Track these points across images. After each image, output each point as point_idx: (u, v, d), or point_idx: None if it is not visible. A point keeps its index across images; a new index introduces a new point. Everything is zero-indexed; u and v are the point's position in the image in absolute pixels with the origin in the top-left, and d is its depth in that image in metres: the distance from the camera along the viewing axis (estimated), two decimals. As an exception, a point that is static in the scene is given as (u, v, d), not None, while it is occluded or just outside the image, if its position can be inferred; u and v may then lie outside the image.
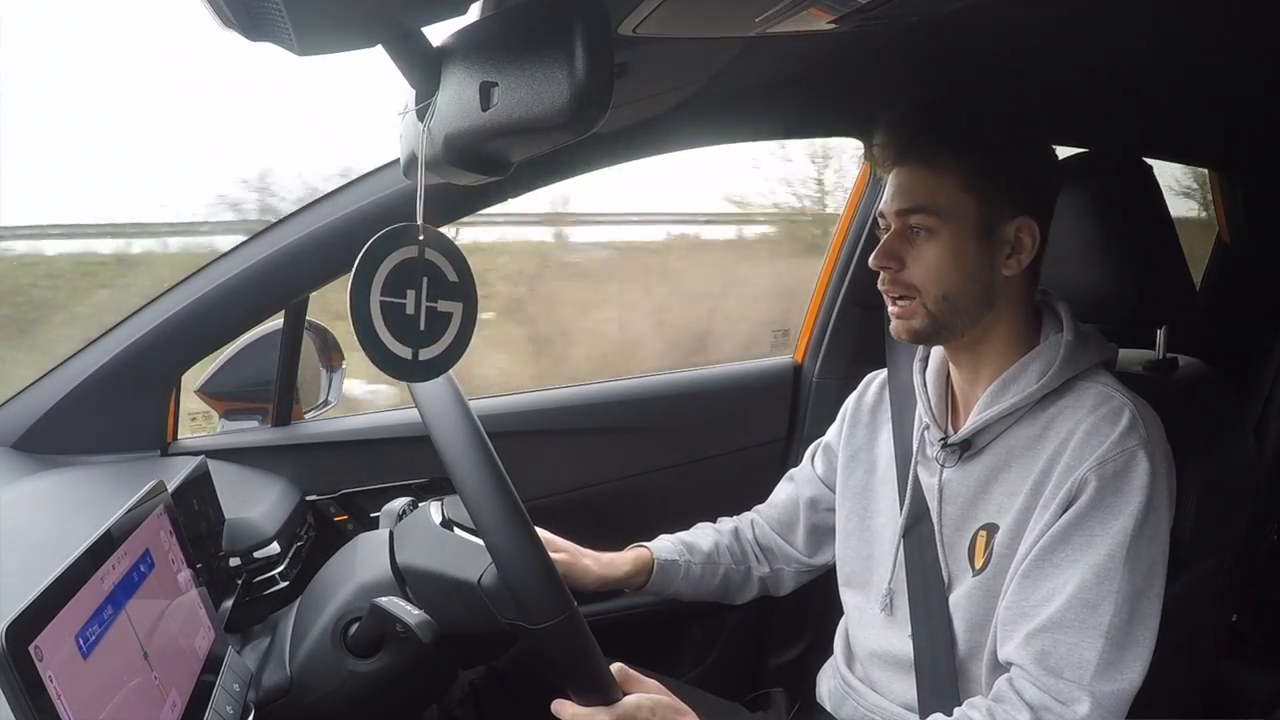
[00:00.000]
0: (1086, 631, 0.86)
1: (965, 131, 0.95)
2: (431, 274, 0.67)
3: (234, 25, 0.52)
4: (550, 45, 0.51)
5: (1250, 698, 1.59)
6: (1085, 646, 0.85)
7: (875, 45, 1.11)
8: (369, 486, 1.44)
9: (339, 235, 1.28)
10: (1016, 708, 0.86)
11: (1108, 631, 0.85)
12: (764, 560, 1.25)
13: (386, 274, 0.64)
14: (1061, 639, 0.86)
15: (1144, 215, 1.09)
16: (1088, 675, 0.85)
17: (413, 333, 0.66)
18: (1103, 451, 0.88)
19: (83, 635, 0.63)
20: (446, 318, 0.68)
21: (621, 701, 0.88)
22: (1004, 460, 0.97)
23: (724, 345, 3.16)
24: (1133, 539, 0.86)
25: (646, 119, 1.30)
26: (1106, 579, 0.86)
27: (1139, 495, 0.87)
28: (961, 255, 0.94)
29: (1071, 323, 0.98)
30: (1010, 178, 0.95)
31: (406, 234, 0.65)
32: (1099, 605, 0.86)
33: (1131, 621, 0.86)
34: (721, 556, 1.22)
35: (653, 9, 0.67)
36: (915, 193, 0.95)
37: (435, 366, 0.68)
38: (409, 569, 0.95)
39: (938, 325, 0.97)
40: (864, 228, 1.65)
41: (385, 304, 0.65)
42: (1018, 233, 0.96)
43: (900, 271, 0.96)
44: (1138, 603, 0.87)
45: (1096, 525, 0.88)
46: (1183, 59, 1.27)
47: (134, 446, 1.31)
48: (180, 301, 1.29)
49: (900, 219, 0.96)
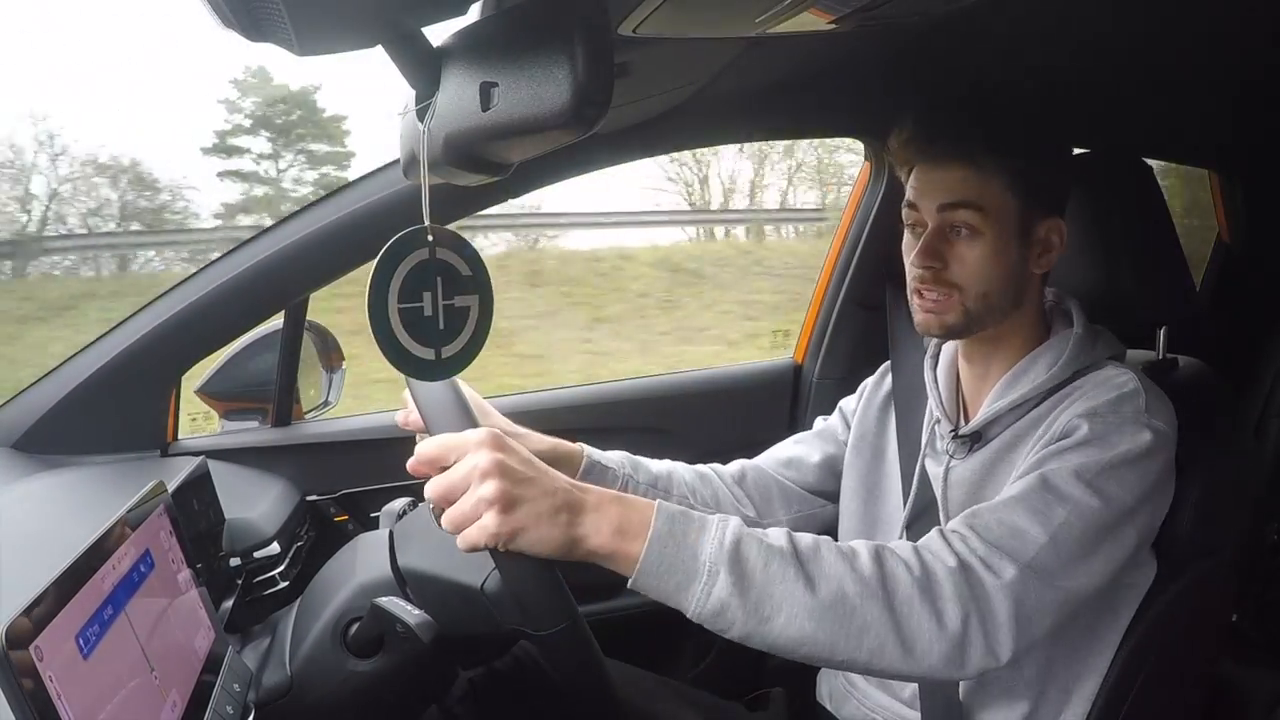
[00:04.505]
0: (1035, 522, 0.82)
1: (1009, 133, 0.94)
2: (445, 272, 0.67)
3: (234, 25, 0.52)
4: (550, 45, 0.51)
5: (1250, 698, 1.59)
6: (1029, 536, 0.82)
7: (875, 45, 1.11)
8: (369, 486, 1.44)
9: (339, 235, 1.28)
10: (944, 556, 0.81)
11: (1055, 533, 0.82)
12: (751, 504, 1.15)
13: (402, 280, 0.64)
14: (1007, 519, 0.83)
15: (1144, 215, 1.10)
16: (1024, 556, 0.81)
17: (433, 333, 0.66)
18: (1097, 404, 0.89)
19: (83, 635, 0.63)
20: (464, 312, 0.68)
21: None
22: (1010, 443, 0.97)
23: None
24: (1103, 471, 0.85)
25: (646, 119, 1.30)
26: (1067, 489, 0.84)
27: (1126, 445, 0.86)
28: (1002, 255, 0.94)
29: (1083, 318, 0.99)
30: (1050, 180, 0.96)
31: (416, 238, 0.65)
32: (1053, 506, 0.83)
33: (1081, 539, 0.83)
34: (675, 487, 1.10)
35: (653, 9, 0.68)
36: (959, 189, 0.94)
37: (458, 362, 0.68)
38: (410, 572, 0.95)
39: (970, 321, 0.97)
40: (864, 228, 1.65)
41: (404, 310, 0.65)
42: (1048, 233, 0.97)
43: (942, 270, 0.95)
44: (1090, 525, 0.83)
45: (1073, 454, 0.86)
46: (1184, 59, 1.27)
47: (134, 446, 1.31)
48: (180, 301, 1.29)
49: (940, 215, 0.95)
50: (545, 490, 0.75)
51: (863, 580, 0.77)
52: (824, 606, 0.76)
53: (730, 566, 0.75)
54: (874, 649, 0.77)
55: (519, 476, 0.74)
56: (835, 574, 0.77)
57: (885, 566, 0.79)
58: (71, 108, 9.26)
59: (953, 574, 0.79)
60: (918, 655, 0.78)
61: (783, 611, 0.76)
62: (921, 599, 0.78)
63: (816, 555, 0.78)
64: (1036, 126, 0.97)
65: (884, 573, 0.78)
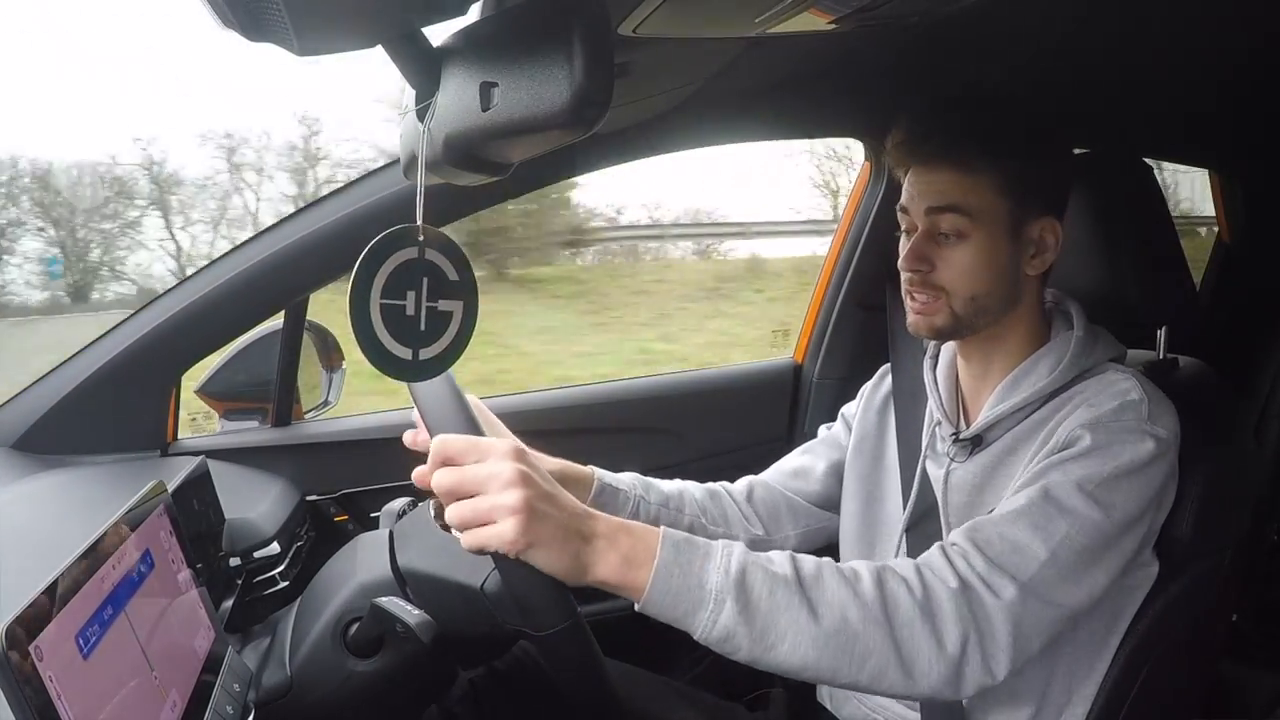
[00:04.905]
0: (1036, 538, 0.83)
1: (1004, 135, 0.94)
2: (432, 274, 0.67)
3: (234, 25, 0.52)
4: (550, 45, 0.51)
5: (1250, 698, 1.60)
6: (1030, 552, 0.82)
7: (875, 45, 1.11)
8: (369, 486, 1.44)
9: (339, 235, 1.28)
10: (945, 576, 0.81)
11: (1056, 548, 0.82)
12: (760, 523, 1.15)
13: (387, 276, 0.64)
14: (1008, 533, 0.83)
15: (1144, 215, 1.09)
16: (1024, 574, 0.81)
17: (413, 333, 0.66)
18: (1100, 414, 0.88)
19: (83, 635, 0.62)
20: (447, 316, 0.68)
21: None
22: (1011, 446, 0.97)
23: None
24: (1107, 483, 0.85)
25: (646, 119, 1.30)
26: (1070, 501, 0.84)
27: (1129, 455, 0.86)
28: (992, 257, 0.94)
29: (1083, 320, 0.99)
30: (1042, 181, 0.95)
31: (406, 236, 0.65)
32: (1055, 519, 0.83)
33: (1083, 553, 0.83)
34: (686, 507, 1.11)
35: (653, 9, 0.68)
36: (948, 193, 0.94)
37: (435, 366, 0.68)
38: (410, 572, 0.95)
39: (960, 324, 0.96)
40: (864, 228, 1.65)
41: (385, 306, 0.64)
42: (1042, 233, 0.96)
43: (930, 273, 0.95)
44: (1094, 540, 0.84)
45: (1076, 465, 0.86)
46: (1183, 59, 1.27)
47: (134, 446, 1.31)
48: (180, 301, 1.29)
49: (929, 218, 0.95)
50: (563, 511, 0.76)
51: (865, 606, 0.78)
52: (827, 634, 0.77)
53: (735, 595, 0.76)
54: (875, 673, 0.78)
55: (542, 491, 0.75)
56: (838, 600, 0.78)
57: (886, 589, 0.79)
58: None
59: (954, 595, 0.80)
60: (917, 677, 0.79)
61: (786, 640, 0.77)
62: (922, 621, 0.79)
63: (819, 581, 0.79)
64: (1028, 127, 0.96)
65: (885, 595, 0.79)
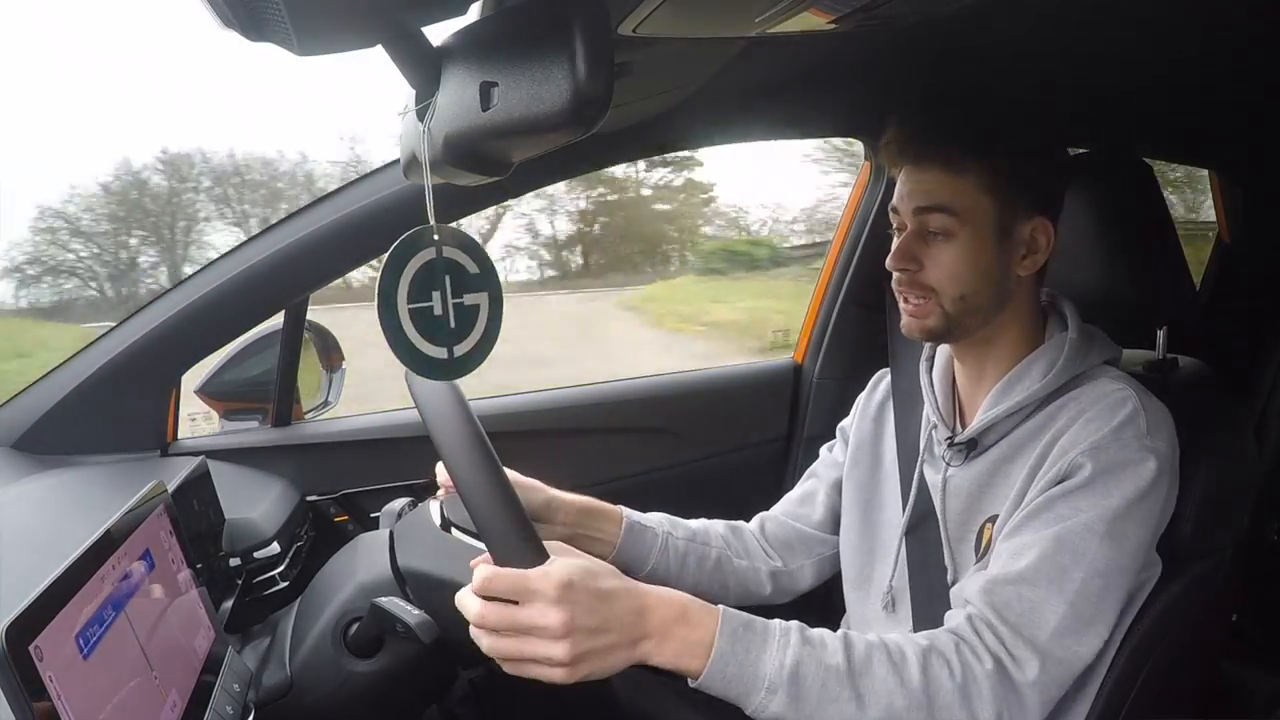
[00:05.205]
0: (1053, 592, 0.84)
1: (990, 134, 0.94)
2: (453, 271, 0.67)
3: (234, 25, 0.52)
4: (550, 45, 0.51)
5: (1250, 698, 1.59)
6: (1048, 608, 0.84)
7: (876, 45, 1.11)
8: (369, 486, 1.44)
9: (339, 235, 1.28)
10: (980, 654, 0.84)
11: (1074, 599, 0.84)
12: (777, 555, 1.19)
13: (409, 281, 0.64)
14: (1026, 594, 0.85)
15: (1144, 215, 1.09)
16: (1043, 636, 0.84)
17: (444, 332, 0.66)
18: (1099, 437, 0.88)
19: (83, 635, 0.63)
20: (474, 310, 0.68)
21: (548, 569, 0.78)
22: (1008, 453, 0.97)
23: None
24: (1118, 517, 0.86)
25: (646, 119, 1.30)
26: (1083, 545, 0.85)
27: (1133, 482, 0.86)
28: (979, 256, 0.94)
29: (1077, 321, 0.98)
30: (1030, 180, 0.95)
31: (422, 237, 0.65)
32: (1070, 570, 0.85)
33: (1100, 596, 0.85)
34: (713, 540, 1.15)
35: (653, 9, 0.67)
36: (935, 193, 0.94)
37: (472, 360, 0.68)
38: (410, 571, 0.95)
39: (952, 325, 0.96)
40: (864, 228, 1.65)
41: (414, 310, 0.64)
42: (1033, 233, 0.96)
43: (918, 273, 0.96)
44: (1110, 579, 0.86)
45: (1083, 500, 0.87)
46: (1183, 59, 1.27)
47: (134, 446, 1.31)
48: (180, 301, 1.29)
49: (917, 218, 0.95)
50: (612, 631, 0.77)
51: (910, 692, 0.81)
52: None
53: (788, 688, 0.79)
54: None
55: (589, 629, 0.76)
56: (885, 689, 0.81)
57: (930, 673, 0.82)
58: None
59: (990, 676, 0.83)
60: None
61: None
62: (961, 705, 0.82)
63: (869, 670, 0.82)
64: (1016, 126, 0.95)
65: (929, 680, 0.82)
